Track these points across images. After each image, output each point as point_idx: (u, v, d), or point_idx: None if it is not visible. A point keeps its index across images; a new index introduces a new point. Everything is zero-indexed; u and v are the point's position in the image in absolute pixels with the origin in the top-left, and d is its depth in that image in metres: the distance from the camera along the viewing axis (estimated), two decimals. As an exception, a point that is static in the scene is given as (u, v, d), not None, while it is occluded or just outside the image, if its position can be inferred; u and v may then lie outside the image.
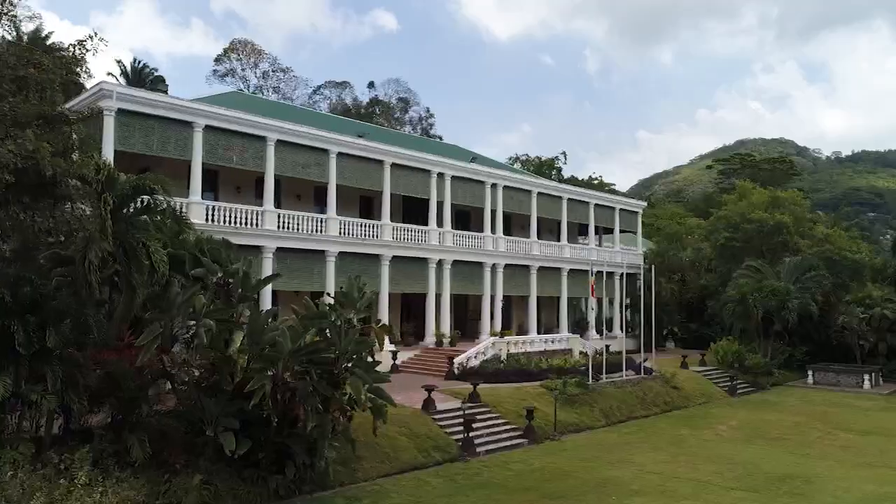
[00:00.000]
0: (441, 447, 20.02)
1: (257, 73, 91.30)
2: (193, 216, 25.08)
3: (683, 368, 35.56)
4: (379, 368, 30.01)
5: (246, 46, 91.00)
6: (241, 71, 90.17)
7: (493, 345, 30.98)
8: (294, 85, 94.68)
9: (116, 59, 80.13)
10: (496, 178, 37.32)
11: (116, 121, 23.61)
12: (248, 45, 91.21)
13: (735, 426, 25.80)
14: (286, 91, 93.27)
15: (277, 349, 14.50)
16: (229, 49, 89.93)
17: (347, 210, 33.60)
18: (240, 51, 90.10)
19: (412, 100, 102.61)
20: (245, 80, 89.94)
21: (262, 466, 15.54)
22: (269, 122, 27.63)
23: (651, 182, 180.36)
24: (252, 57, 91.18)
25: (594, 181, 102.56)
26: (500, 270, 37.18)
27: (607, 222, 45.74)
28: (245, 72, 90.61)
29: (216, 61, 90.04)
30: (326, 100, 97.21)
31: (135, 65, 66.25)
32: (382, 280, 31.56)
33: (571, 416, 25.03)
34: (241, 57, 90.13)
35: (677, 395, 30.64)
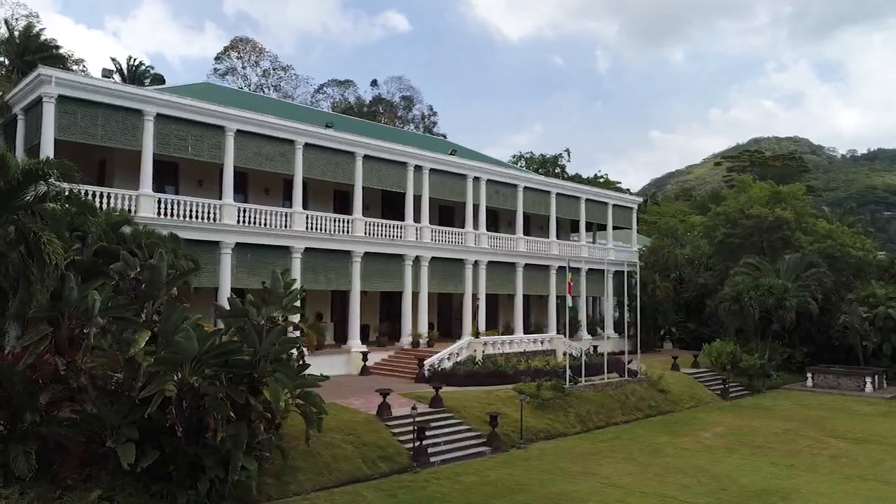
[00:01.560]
0: (390, 457, 18.50)
1: (258, 72, 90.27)
2: (143, 210, 23.93)
3: (674, 370, 33.83)
4: (349, 370, 29.24)
5: (247, 44, 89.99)
6: (241, 69, 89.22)
7: (468, 345, 29.42)
8: (295, 83, 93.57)
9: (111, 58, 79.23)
10: (478, 171, 35.73)
11: (57, 108, 22.30)
12: (248, 43, 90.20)
13: (720, 433, 24.07)
14: (287, 89, 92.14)
15: (180, 351, 13.02)
16: (230, 47, 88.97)
17: (321, 205, 32.26)
18: (240, 49, 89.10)
19: (415, 98, 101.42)
20: (246, 79, 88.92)
21: (173, 480, 14.11)
22: (227, 111, 26.22)
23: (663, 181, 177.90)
24: (253, 55, 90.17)
25: (599, 179, 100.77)
26: (483, 268, 35.60)
27: (600, 218, 44.00)
28: (246, 70, 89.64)
29: (216, 59, 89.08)
30: (329, 98, 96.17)
31: (130, 64, 65.42)
32: (353, 277, 30.12)
33: (543, 422, 23.43)
34: (241, 55, 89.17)
35: (663, 399, 28.91)
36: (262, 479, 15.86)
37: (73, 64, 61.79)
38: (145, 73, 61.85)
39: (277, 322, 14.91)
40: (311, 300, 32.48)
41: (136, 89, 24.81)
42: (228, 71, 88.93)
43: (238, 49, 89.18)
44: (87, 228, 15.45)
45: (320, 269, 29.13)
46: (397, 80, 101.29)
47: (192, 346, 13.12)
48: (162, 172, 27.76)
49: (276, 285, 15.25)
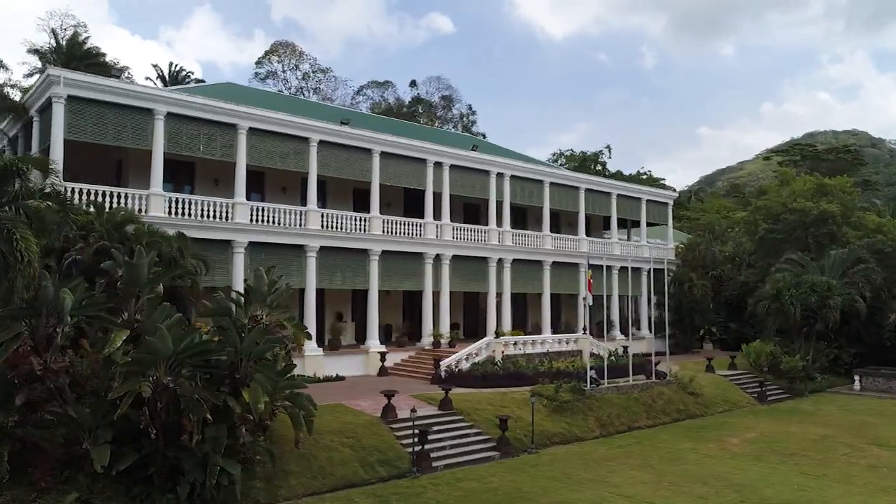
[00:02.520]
0: (389, 461, 17.80)
1: (298, 75, 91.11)
2: (154, 209, 23.86)
3: (708, 372, 32.26)
4: (367, 371, 28.68)
5: (287, 48, 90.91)
6: (282, 73, 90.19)
7: (488, 346, 28.53)
8: (334, 85, 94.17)
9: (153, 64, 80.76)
10: (501, 166, 34.78)
11: (67, 109, 22.36)
12: (288, 47, 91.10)
13: (750, 439, 22.62)
14: (326, 91, 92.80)
15: (152, 350, 12.57)
16: (270, 51, 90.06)
17: (340, 203, 31.86)
18: (280, 53, 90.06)
19: (454, 97, 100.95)
20: (286, 82, 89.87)
21: (154, 483, 13.71)
22: (238, 109, 25.98)
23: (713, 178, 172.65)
24: (293, 58, 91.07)
25: (642, 176, 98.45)
26: (508, 266, 34.64)
27: (633, 214, 42.53)
28: (286, 73, 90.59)
29: (257, 64, 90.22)
30: (369, 100, 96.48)
31: (172, 69, 66.64)
32: (371, 276, 29.57)
33: (559, 426, 22.40)
34: (281, 59, 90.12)
35: (693, 403, 27.47)
36: (251, 483, 15.35)
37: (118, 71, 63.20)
38: (185, 78, 62.93)
39: (261, 321, 14.37)
40: (331, 300, 32.15)
41: (145, 88, 24.79)
42: (269, 75, 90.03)
43: (278, 53, 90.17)
44: (69, 227, 15.03)
45: (336, 269, 28.66)
46: (436, 80, 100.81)
47: (166, 346, 12.67)
48: (178, 172, 27.86)
49: (259, 283, 14.72)
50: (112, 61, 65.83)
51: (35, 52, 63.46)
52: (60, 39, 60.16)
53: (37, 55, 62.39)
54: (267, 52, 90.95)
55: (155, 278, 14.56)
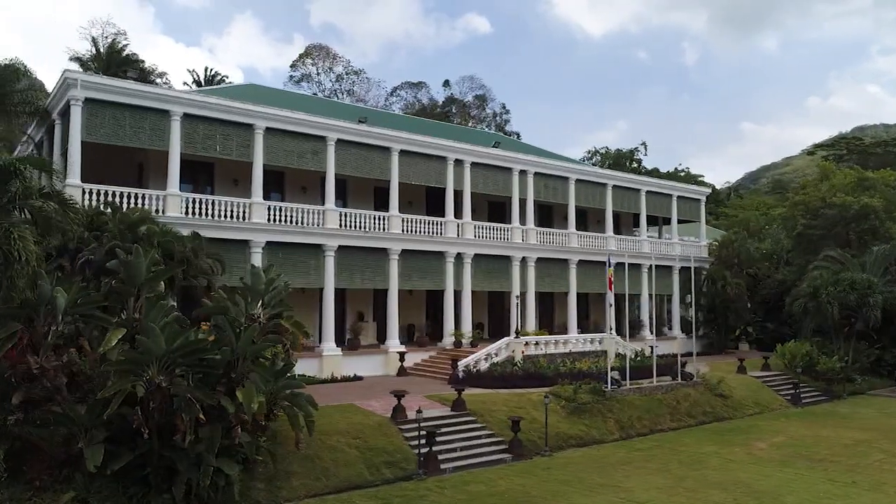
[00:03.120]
0: (396, 462, 17.47)
1: (331, 77, 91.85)
2: (170, 210, 24.02)
3: (740, 373, 31.13)
4: (387, 371, 28.42)
5: (320, 51, 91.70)
6: (316, 75, 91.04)
7: (507, 346, 27.98)
8: (367, 87, 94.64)
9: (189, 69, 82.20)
10: (524, 163, 34.20)
11: (84, 111, 22.64)
12: (322, 50, 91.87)
13: (778, 443, 21.64)
14: (360, 93, 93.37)
15: (145, 349, 12.47)
16: (304, 54, 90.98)
17: (361, 202, 31.71)
18: (314, 56, 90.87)
19: (488, 96, 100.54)
20: (320, 84, 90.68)
21: (150, 483, 13.63)
22: (254, 109, 26.00)
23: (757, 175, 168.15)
24: (326, 61, 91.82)
25: (680, 173, 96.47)
26: (532, 265, 34.05)
27: (663, 211, 41.45)
28: (320, 76, 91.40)
29: (292, 67, 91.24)
30: (402, 101, 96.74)
31: (207, 74, 67.75)
32: (391, 276, 29.32)
33: (577, 428, 21.77)
34: (315, 61, 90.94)
35: (722, 405, 26.49)
36: (252, 484, 15.20)
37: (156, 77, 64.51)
38: (220, 82, 63.92)
39: (258, 320, 14.19)
40: (353, 299, 32.03)
41: (161, 90, 24.99)
42: (303, 77, 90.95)
43: (312, 56, 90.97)
44: (70, 226, 15.06)
45: (355, 268, 28.49)
46: (469, 80, 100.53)
47: (159, 345, 12.55)
48: (197, 172, 28.08)
49: (255, 281, 14.54)
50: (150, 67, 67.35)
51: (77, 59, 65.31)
52: (100, 47, 61.86)
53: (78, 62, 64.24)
54: (301, 55, 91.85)
55: (154, 277, 14.49)
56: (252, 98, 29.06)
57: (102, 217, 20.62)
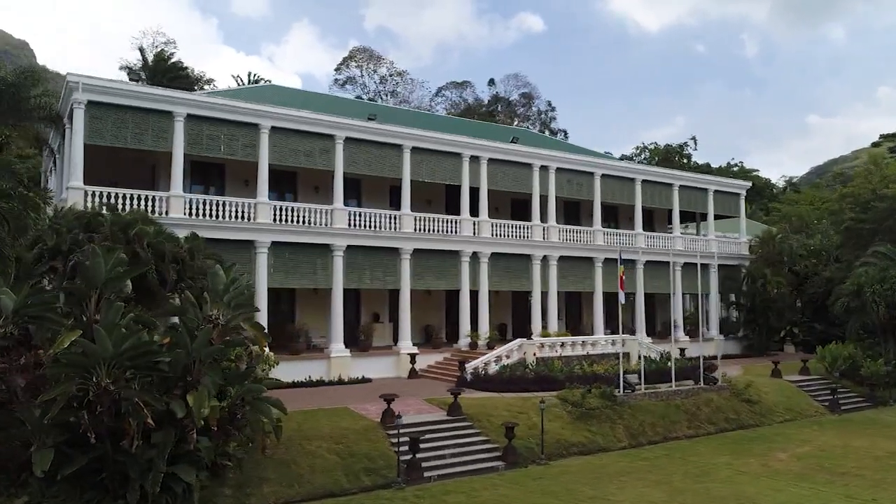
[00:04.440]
0: (377, 469, 16.80)
1: (375, 79, 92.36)
2: (174, 211, 24.02)
3: (774, 377, 29.27)
4: (398, 373, 27.81)
5: (364, 53, 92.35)
6: (360, 77, 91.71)
7: (520, 347, 26.97)
8: (411, 87, 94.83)
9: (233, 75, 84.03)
10: (545, 159, 33.07)
11: (87, 114, 22.82)
12: (366, 52, 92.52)
13: (802, 453, 20.03)
14: (404, 94, 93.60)
15: (89, 352, 12.15)
16: (349, 57, 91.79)
17: (376, 201, 31.24)
18: (358, 58, 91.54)
19: (533, 94, 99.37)
20: (364, 87, 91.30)
21: (108, 488, 13.35)
22: (259, 108, 25.81)
23: (825, 169, 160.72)
24: (370, 63, 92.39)
25: (734, 168, 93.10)
26: (554, 263, 32.91)
27: (698, 206, 39.60)
28: (364, 78, 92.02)
29: (336, 70, 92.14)
30: (447, 101, 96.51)
31: (251, 78, 68.91)
32: (402, 276, 28.71)
33: (581, 435, 20.66)
34: (360, 64, 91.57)
35: (748, 411, 24.85)
36: (219, 490, 14.82)
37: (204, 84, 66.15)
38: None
39: (215, 321, 13.74)
40: (367, 300, 31.58)
41: (164, 91, 24.98)
42: (348, 80, 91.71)
43: (356, 59, 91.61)
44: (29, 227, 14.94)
45: (365, 268, 27.99)
46: (514, 78, 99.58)
47: (104, 347, 12.22)
48: (208, 174, 28.17)
49: (214, 281, 14.11)
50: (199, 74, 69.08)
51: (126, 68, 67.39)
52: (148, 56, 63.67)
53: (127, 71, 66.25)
54: (345, 58, 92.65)
55: (115, 278, 14.20)
56: (269, 99, 28.98)
57: (99, 219, 20.71)
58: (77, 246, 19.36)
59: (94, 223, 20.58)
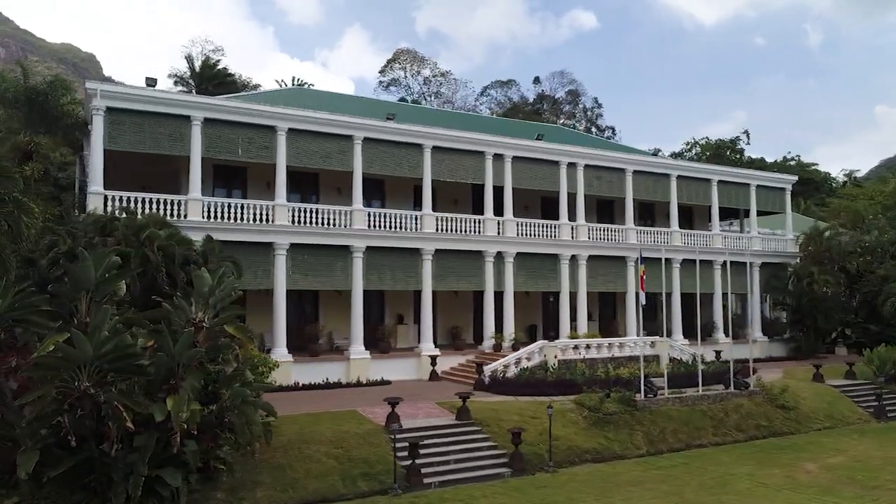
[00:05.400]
0: (375, 475, 16.46)
1: (419, 80, 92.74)
2: (192, 214, 24.29)
3: (816, 381, 27.69)
4: (420, 375, 27.44)
5: (408, 55, 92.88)
6: (404, 79, 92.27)
7: (541, 350, 26.26)
8: (454, 88, 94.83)
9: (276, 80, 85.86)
10: (573, 156, 32.19)
11: (106, 120, 23.25)
12: (409, 54, 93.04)
13: (833, 464, 18.76)
14: (447, 94, 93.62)
15: (66, 355, 12.19)
16: (392, 59, 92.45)
17: (399, 202, 31.00)
18: (402, 60, 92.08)
19: (580, 91, 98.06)
20: (408, 88, 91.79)
21: (95, 491, 13.40)
22: (275, 111, 25.85)
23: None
24: (414, 64, 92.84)
25: (790, 162, 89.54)
26: (583, 263, 32.01)
27: (739, 202, 37.96)
28: (408, 79, 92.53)
29: (380, 72, 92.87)
30: (493, 100, 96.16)
31: (295, 82, 69.98)
32: (424, 277, 28.34)
33: (596, 441, 19.87)
34: (403, 66, 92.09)
35: (782, 418, 23.52)
36: (212, 494, 14.75)
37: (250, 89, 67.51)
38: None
39: (199, 324, 13.64)
40: (391, 301, 31.37)
41: (181, 96, 25.38)
42: (392, 82, 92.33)
43: (400, 60, 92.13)
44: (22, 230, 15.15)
45: (385, 269, 27.73)
46: (559, 76, 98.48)
47: (84, 350, 12.23)
48: (231, 177, 28.39)
49: (199, 283, 14.00)
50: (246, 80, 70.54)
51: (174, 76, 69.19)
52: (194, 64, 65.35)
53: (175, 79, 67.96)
54: (389, 60, 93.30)
55: (105, 281, 14.26)
56: (291, 101, 29.12)
57: (115, 223, 21.08)
58: (92, 249, 19.76)
59: (109, 227, 20.97)
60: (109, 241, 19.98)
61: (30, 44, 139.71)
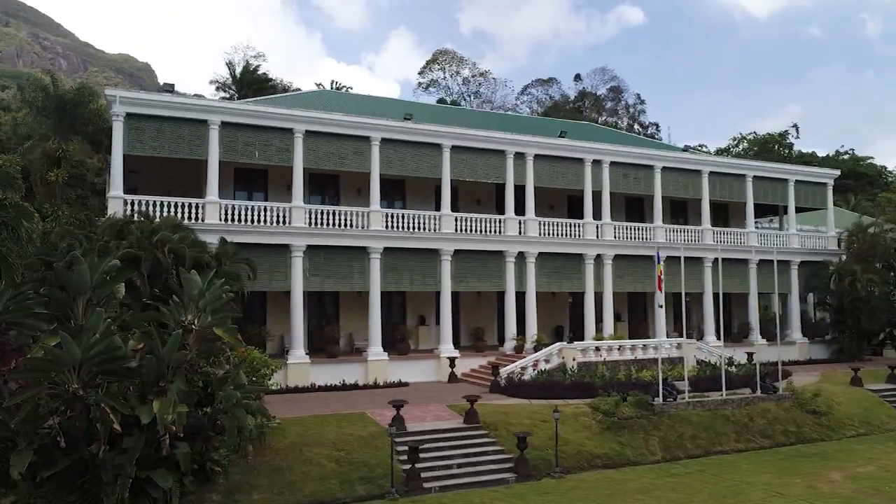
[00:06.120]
0: (374, 479, 16.27)
1: (458, 81, 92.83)
2: (209, 217, 24.56)
3: (854, 385, 26.40)
4: (439, 377, 27.17)
5: (447, 56, 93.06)
6: (443, 80, 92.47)
7: (559, 352, 25.69)
8: (494, 87, 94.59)
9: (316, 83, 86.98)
10: (599, 153, 31.45)
11: (126, 126, 23.69)
12: (448, 55, 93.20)
13: (862, 474, 17.75)
14: (486, 94, 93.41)
15: (56, 357, 12.35)
16: (431, 60, 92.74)
17: (421, 202, 30.78)
18: (441, 60, 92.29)
19: (622, 87, 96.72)
20: (448, 89, 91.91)
21: (90, 491, 13.57)
22: (292, 113, 25.93)
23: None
24: (453, 65, 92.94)
25: (843, 155, 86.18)
26: (609, 263, 31.25)
27: (776, 198, 36.53)
28: (447, 80, 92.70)
29: (420, 73, 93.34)
30: (533, 99, 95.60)
31: (333, 86, 70.79)
32: (443, 277, 28.06)
33: (608, 447, 19.26)
34: (442, 66, 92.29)
35: (813, 423, 22.44)
36: (208, 496, 14.81)
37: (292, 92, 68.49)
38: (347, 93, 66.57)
39: (188, 326, 13.66)
40: (413, 302, 31.21)
41: (199, 100, 25.62)
42: (431, 83, 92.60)
43: (439, 61, 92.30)
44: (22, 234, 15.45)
45: (403, 270, 27.56)
46: (601, 72, 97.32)
47: (71, 353, 12.37)
48: (251, 180, 28.63)
49: (188, 286, 14.02)
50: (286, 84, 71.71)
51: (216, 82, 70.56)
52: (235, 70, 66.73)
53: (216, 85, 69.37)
54: (428, 61, 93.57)
55: (102, 284, 14.44)
56: (312, 104, 29.22)
57: (130, 226, 21.48)
58: (107, 253, 20.16)
59: (125, 231, 21.38)
60: (123, 245, 20.40)
61: (90, 55, 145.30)
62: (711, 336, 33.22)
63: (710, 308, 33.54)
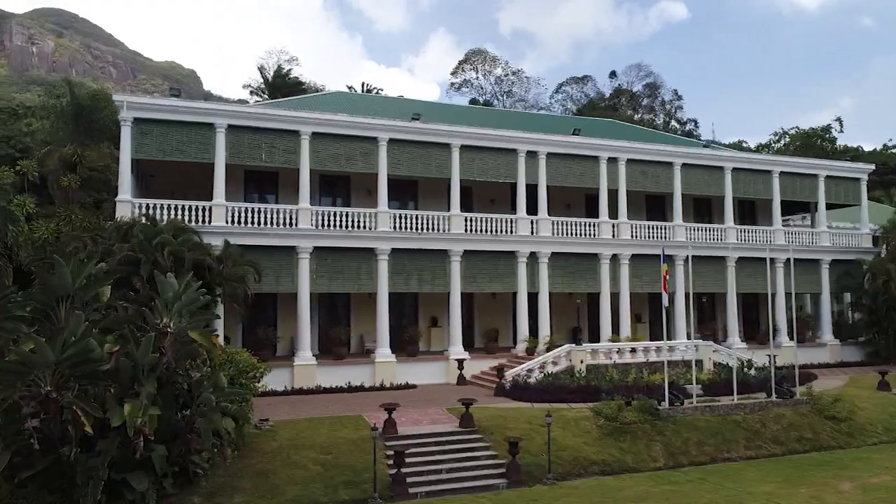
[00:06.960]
0: (358, 483, 16.05)
1: (491, 80, 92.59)
2: (216, 220, 24.77)
3: (881, 390, 25.16)
4: (448, 379, 26.85)
5: (479, 55, 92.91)
6: (476, 80, 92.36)
7: (567, 354, 25.11)
8: (527, 86, 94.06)
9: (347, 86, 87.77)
10: (614, 150, 30.72)
11: (134, 130, 24.04)
12: (481, 55, 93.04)
13: (872, 485, 16.78)
14: (519, 93, 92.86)
15: (26, 360, 12.48)
16: (464, 61, 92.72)
17: (434, 203, 30.51)
18: (473, 60, 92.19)
19: (658, 83, 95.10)
20: (480, 89, 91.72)
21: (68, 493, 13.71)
22: (297, 115, 25.97)
23: None
24: (486, 64, 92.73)
25: (892, 150, 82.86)
26: (626, 263, 30.49)
27: (805, 195, 35.14)
28: (479, 79, 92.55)
29: (452, 73, 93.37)
30: (568, 97, 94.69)
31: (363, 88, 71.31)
32: (452, 278, 27.75)
33: (607, 453, 18.67)
34: (475, 66, 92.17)
35: (831, 430, 21.40)
36: (189, 499, 14.80)
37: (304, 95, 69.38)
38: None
39: (164, 330, 13.67)
40: (425, 304, 30.96)
41: (205, 104, 25.87)
42: (464, 83, 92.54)
43: (471, 61, 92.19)
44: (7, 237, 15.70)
45: (411, 271, 27.35)
46: (636, 69, 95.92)
47: (44, 355, 12.51)
48: (262, 183, 28.81)
49: (163, 289, 14.03)
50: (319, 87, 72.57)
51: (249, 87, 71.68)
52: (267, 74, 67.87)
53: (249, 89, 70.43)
54: (461, 61, 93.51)
55: (84, 287, 14.59)
56: (324, 106, 29.25)
57: (135, 229, 21.78)
58: (110, 255, 20.47)
59: (129, 234, 21.69)
60: (125, 247, 20.68)
61: (138, 63, 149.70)
62: (735, 337, 32.17)
63: (733, 308, 32.48)
